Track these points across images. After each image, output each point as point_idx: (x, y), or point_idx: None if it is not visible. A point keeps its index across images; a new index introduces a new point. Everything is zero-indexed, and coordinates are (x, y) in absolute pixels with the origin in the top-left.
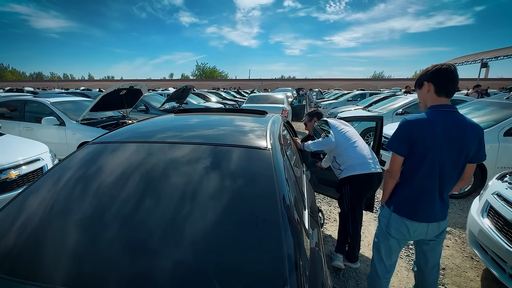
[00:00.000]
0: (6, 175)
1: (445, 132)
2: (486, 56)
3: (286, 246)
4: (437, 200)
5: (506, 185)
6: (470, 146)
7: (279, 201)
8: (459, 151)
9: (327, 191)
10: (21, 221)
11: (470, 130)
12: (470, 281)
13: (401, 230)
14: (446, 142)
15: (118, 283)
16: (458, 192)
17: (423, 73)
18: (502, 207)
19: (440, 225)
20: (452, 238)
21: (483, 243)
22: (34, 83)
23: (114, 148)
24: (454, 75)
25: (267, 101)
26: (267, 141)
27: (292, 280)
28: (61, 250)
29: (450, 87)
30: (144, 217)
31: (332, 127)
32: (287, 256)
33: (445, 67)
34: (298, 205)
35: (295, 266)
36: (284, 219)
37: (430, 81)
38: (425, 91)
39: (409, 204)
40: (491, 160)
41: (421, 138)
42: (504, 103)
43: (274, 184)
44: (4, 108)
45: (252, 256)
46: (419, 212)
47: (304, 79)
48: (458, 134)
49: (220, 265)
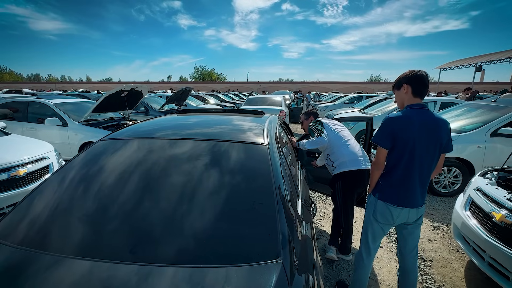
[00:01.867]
0: (14, 172)
1: (422, 127)
2: (480, 60)
3: (280, 225)
4: (418, 188)
5: (487, 181)
6: (442, 138)
7: (274, 189)
8: (435, 143)
9: (322, 188)
10: (46, 204)
11: (441, 124)
12: (455, 271)
13: (385, 215)
14: (423, 136)
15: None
16: (448, 191)
17: (402, 77)
18: (482, 201)
19: (418, 211)
20: (440, 233)
21: (465, 234)
22: (31, 84)
23: (125, 143)
24: (427, 80)
25: (265, 103)
26: (264, 138)
27: (285, 253)
28: (83, 225)
29: (424, 90)
30: (156, 202)
31: (326, 127)
32: (281, 233)
33: (421, 73)
34: (292, 194)
35: (288, 242)
36: (279, 203)
37: (409, 84)
38: (403, 92)
39: (393, 191)
40: (478, 160)
41: (402, 132)
42: (492, 105)
43: (270, 174)
44: (7, 109)
45: (251, 232)
46: (401, 198)
47: (302, 82)
48: (432, 129)
49: (224, 239)
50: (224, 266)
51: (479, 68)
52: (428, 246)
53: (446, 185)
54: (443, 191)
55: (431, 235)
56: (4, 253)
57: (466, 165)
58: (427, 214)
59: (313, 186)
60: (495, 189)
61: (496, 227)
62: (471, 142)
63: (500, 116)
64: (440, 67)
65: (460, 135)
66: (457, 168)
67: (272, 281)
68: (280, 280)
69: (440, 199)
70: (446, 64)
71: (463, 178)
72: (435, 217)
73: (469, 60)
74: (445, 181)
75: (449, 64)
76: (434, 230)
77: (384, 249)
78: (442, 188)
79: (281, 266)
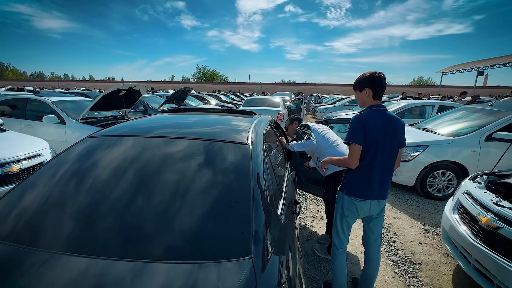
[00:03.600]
0: (8, 168)
1: (383, 125)
2: (483, 64)
3: (254, 224)
4: (378, 182)
5: (476, 184)
6: (399, 135)
7: (252, 189)
8: (393, 140)
9: (315, 190)
10: (32, 198)
11: (397, 122)
12: (443, 275)
13: (351, 209)
14: (385, 133)
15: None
16: (442, 195)
17: (362, 80)
18: (470, 205)
19: (380, 204)
20: (431, 236)
21: (453, 238)
22: (34, 82)
23: (112, 141)
24: (385, 83)
25: (264, 104)
26: (248, 138)
27: (257, 251)
28: (71, 220)
29: (382, 92)
30: (131, 199)
31: (313, 130)
32: (254, 232)
33: (380, 75)
34: (273, 194)
35: (261, 240)
36: (255, 203)
37: (370, 88)
38: (365, 95)
39: (357, 186)
40: (472, 164)
41: (370, 130)
42: (489, 109)
43: (249, 174)
44: (6, 106)
45: (225, 229)
46: (364, 192)
47: (304, 84)
48: (391, 126)
49: (198, 236)
50: (193, 262)
51: (481, 72)
52: (418, 249)
53: (440, 188)
54: (437, 194)
55: (422, 238)
56: None
57: (461, 169)
58: (419, 217)
59: (306, 188)
60: (483, 193)
61: (482, 231)
62: (466, 146)
63: (495, 120)
64: (442, 70)
65: (454, 139)
66: (451, 171)
67: (240, 277)
68: (248, 277)
69: (434, 203)
70: (448, 68)
71: (457, 181)
72: (428, 220)
73: (472, 64)
74: (439, 185)
75: (451, 68)
76: (425, 234)
77: None
78: (436, 192)
79: (251, 264)
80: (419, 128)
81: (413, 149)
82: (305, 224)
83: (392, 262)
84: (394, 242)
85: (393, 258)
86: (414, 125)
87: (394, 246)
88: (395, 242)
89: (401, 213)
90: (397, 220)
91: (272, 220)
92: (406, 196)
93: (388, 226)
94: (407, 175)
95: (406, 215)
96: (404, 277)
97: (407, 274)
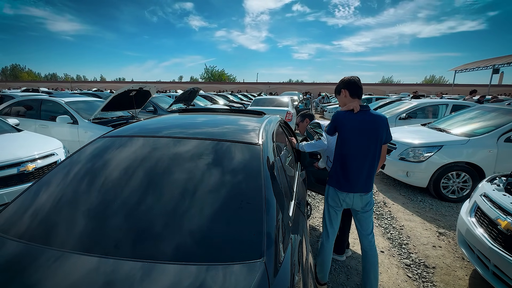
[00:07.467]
0: (24, 167)
1: (362, 123)
2: (498, 62)
3: (266, 226)
4: (360, 176)
5: (494, 187)
6: (381, 132)
7: (264, 190)
8: (374, 137)
9: (324, 190)
10: (46, 198)
11: (379, 120)
12: (459, 280)
13: (334, 199)
14: (364, 131)
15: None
16: (457, 197)
17: (338, 84)
18: (488, 208)
19: (362, 197)
20: (446, 240)
21: (470, 242)
22: (48, 83)
23: (123, 141)
24: (360, 83)
25: (272, 104)
26: (259, 138)
27: (269, 253)
28: (85, 219)
29: (359, 91)
30: (143, 199)
31: (324, 129)
32: (266, 234)
33: (353, 78)
34: (284, 195)
35: (273, 242)
36: (267, 204)
37: (346, 89)
38: (343, 96)
39: (339, 179)
40: (489, 165)
41: (346, 125)
42: (506, 108)
43: (261, 174)
44: (22, 107)
45: (237, 231)
46: (343, 184)
47: (312, 83)
48: (371, 125)
49: (210, 238)
50: (205, 264)
51: (496, 70)
52: (432, 252)
53: (455, 190)
54: (452, 196)
55: (436, 242)
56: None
57: (476, 170)
58: (432, 220)
59: (315, 188)
60: (502, 196)
61: (501, 235)
62: (482, 146)
63: None
64: (455, 69)
65: (470, 139)
66: (466, 173)
67: (252, 280)
68: (261, 280)
69: (448, 205)
70: (462, 66)
71: (472, 183)
72: (441, 223)
73: (486, 62)
74: (454, 186)
75: (465, 66)
76: (440, 236)
77: (385, 254)
78: (451, 194)
79: (264, 266)
80: (432, 128)
81: (426, 149)
82: (315, 225)
83: (405, 266)
84: (406, 245)
85: (405, 261)
86: (427, 125)
87: (406, 249)
88: (408, 245)
89: (413, 215)
90: (409, 223)
91: (284, 221)
92: (419, 197)
93: (400, 228)
94: (419, 176)
95: (419, 217)
96: (417, 281)
97: (420, 278)
